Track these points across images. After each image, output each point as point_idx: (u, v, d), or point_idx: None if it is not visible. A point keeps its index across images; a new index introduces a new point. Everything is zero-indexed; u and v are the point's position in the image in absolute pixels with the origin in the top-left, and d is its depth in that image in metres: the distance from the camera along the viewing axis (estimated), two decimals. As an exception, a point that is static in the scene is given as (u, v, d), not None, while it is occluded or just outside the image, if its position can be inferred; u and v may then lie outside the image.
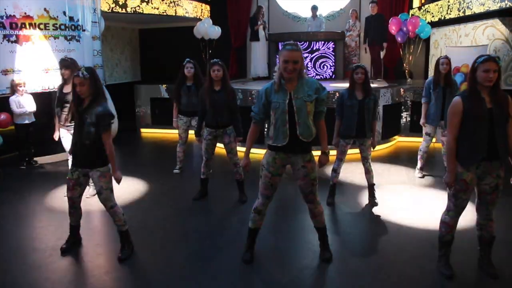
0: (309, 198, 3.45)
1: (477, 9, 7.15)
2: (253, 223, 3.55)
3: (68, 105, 4.52)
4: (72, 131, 3.64)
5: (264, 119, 3.37)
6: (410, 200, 5.02)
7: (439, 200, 4.83)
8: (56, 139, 5.11)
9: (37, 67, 6.55)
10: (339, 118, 4.77)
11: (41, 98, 6.62)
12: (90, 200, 4.85)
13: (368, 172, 4.80)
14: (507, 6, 6.24)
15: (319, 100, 3.26)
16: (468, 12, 7.52)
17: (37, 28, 6.47)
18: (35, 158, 6.71)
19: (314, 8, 10.03)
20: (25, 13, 6.34)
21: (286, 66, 3.12)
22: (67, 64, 4.79)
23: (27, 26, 6.38)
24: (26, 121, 6.48)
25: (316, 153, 3.24)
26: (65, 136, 4.97)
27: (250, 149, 3.46)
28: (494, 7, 6.61)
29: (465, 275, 3.30)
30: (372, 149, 4.81)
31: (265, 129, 3.83)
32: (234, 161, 4.93)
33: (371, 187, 4.87)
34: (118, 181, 3.51)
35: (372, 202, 4.83)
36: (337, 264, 3.52)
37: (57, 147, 5.48)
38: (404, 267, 3.44)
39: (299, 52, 3.15)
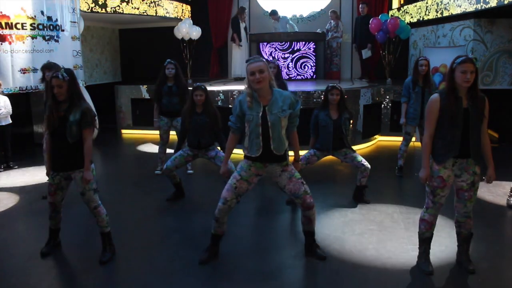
0: (307, 203, 3.36)
1: (454, 10, 7.30)
2: (213, 229, 3.54)
3: None
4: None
5: (241, 128, 3.38)
6: (390, 199, 5.08)
7: (419, 198, 4.91)
8: None
9: (14, 68, 6.41)
10: (313, 136, 4.85)
11: (17, 99, 6.47)
12: (70, 201, 4.76)
13: (366, 176, 4.78)
14: (482, 8, 6.39)
15: (293, 115, 3.29)
16: (445, 14, 7.66)
17: (13, 28, 6.33)
18: (12, 160, 6.56)
19: (273, 13, 9.95)
20: (1, 12, 6.20)
21: (254, 78, 3.13)
22: (50, 66, 4.79)
23: (3, 26, 6.24)
24: (2, 123, 6.33)
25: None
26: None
27: (229, 157, 3.51)
28: (470, 8, 6.75)
29: (445, 271, 3.36)
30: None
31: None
32: None
33: (363, 188, 4.90)
34: (86, 182, 3.46)
35: (366, 200, 4.88)
36: (316, 262, 3.54)
37: (35, 149, 5.37)
38: (384, 265, 3.49)
39: (263, 62, 3.17)
